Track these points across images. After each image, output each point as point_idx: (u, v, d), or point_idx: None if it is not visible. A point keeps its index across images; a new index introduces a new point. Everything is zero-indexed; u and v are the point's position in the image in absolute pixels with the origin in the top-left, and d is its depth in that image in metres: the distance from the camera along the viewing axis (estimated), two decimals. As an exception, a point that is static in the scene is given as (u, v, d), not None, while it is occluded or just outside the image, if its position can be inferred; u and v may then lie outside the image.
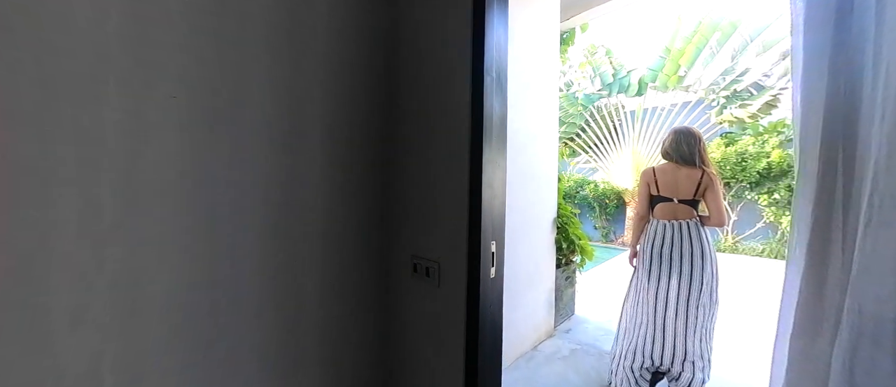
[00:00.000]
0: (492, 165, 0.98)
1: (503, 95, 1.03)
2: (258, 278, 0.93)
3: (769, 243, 6.41)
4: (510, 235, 2.16)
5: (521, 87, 2.21)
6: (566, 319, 2.88)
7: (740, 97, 6.84)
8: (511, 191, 2.22)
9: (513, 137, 2.12)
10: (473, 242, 0.96)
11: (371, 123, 1.17)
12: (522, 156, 2.22)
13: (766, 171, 6.15)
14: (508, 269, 2.14)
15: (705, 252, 1.71)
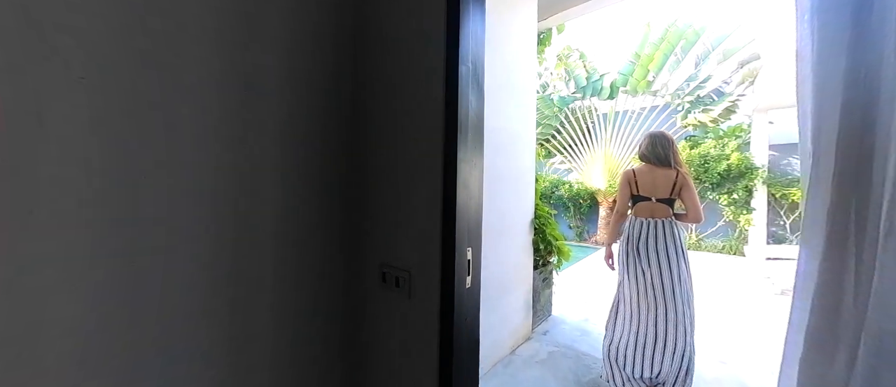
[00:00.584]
0: (468, 164, 0.89)
1: (480, 90, 0.95)
2: (197, 295, 0.79)
3: (728, 241, 6.81)
4: (488, 238, 2.11)
5: (500, 85, 2.16)
6: (543, 320, 2.86)
7: (703, 103, 7.22)
8: (489, 192, 2.17)
9: (491, 137, 2.07)
10: (447, 249, 0.87)
11: (333, 120, 1.05)
12: (500, 156, 2.16)
13: (726, 172, 6.52)
14: (486, 272, 2.08)
15: (679, 249, 1.81)
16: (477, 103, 0.94)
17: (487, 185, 2.09)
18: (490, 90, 2.03)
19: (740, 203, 6.57)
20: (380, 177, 1.05)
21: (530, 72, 2.54)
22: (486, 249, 2.02)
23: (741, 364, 2.24)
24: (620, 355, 1.90)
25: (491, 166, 2.05)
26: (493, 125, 2.04)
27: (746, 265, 5.55)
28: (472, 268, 0.92)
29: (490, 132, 2.02)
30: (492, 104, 2.05)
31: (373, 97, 1.06)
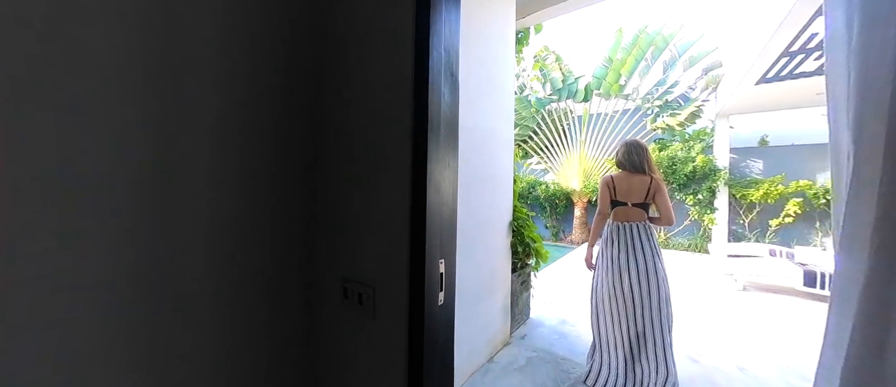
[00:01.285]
0: (440, 165, 0.78)
1: (454, 84, 0.85)
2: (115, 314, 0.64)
3: (693, 239, 7.14)
4: (465, 242, 2.02)
5: (478, 82, 2.07)
6: (522, 323, 2.81)
7: (671, 107, 7.54)
8: (466, 193, 2.08)
9: (467, 135, 1.98)
10: (417, 260, 0.76)
11: (285, 118, 0.91)
12: (478, 155, 2.07)
13: (692, 174, 6.83)
14: (463, 278, 1.99)
15: (654, 250, 1.92)
16: (451, 97, 0.83)
17: (464, 186, 1.99)
18: (467, 87, 1.93)
19: (704, 203, 6.90)
20: (340, 180, 0.92)
21: (508, 70, 2.48)
22: (463, 255, 1.93)
23: (712, 362, 2.28)
24: (612, 353, 1.96)
25: (468, 167, 1.95)
26: (469, 123, 1.95)
27: (711, 262, 5.82)
28: (446, 282, 0.81)
29: (467, 130, 1.92)
30: (468, 102, 1.96)
31: (334, 93, 0.94)
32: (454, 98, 0.85)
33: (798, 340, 2.68)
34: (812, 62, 4.16)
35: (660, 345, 1.81)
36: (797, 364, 2.28)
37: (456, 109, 0.86)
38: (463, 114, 1.86)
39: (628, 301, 1.87)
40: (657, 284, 1.84)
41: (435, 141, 0.76)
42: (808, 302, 3.66)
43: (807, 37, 3.49)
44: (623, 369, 1.89)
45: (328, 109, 0.95)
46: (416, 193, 0.76)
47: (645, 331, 1.84)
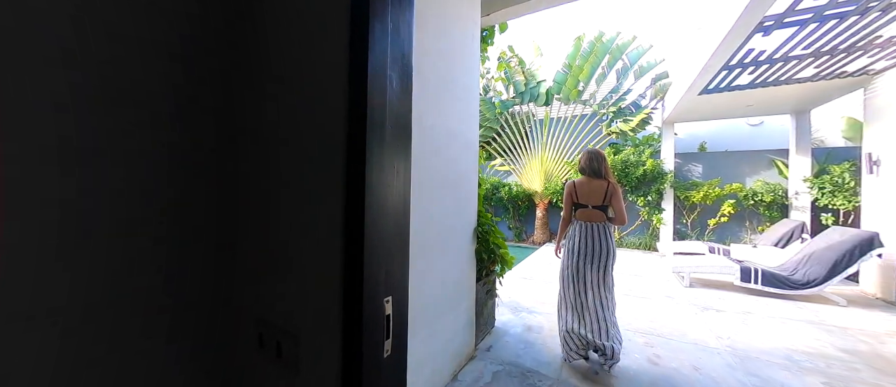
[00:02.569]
0: (385, 172, 0.60)
1: (405, 71, 0.66)
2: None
3: (644, 238, 7.59)
4: (427, 253, 1.83)
5: (439, 80, 1.90)
6: (487, 334, 2.69)
7: (624, 113, 7.96)
8: (427, 200, 1.89)
9: (428, 136, 1.80)
10: (353, 299, 0.56)
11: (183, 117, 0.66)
12: (440, 158, 1.90)
13: (643, 176, 7.25)
14: (425, 293, 1.80)
15: (611, 248, 2.25)
16: (401, 90, 0.64)
17: (425, 193, 1.81)
18: (427, 84, 1.75)
19: (653, 204, 7.36)
20: (257, 194, 0.69)
21: (473, 68, 2.34)
22: (425, 265, 1.75)
23: (670, 364, 2.31)
24: (572, 334, 2.24)
25: (428, 171, 1.77)
26: (429, 122, 1.77)
27: (659, 260, 6.20)
28: (394, 326, 0.62)
29: (428, 130, 1.74)
30: (429, 99, 1.78)
31: (248, 88, 0.71)
32: (405, 90, 0.66)
33: (740, 335, 2.84)
34: (746, 76, 4.54)
35: (608, 320, 2.19)
36: (743, 362, 2.39)
37: (408, 103, 0.67)
38: (422, 112, 1.68)
39: (589, 289, 2.22)
40: (607, 276, 2.23)
41: (378, 141, 0.57)
42: (744, 296, 3.96)
43: (744, 52, 3.78)
44: (584, 342, 2.22)
45: (243, 102, 0.72)
46: (351, 210, 0.56)
47: (598, 312, 2.20)
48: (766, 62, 4.03)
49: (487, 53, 3.47)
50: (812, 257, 4.02)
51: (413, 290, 1.63)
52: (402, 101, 0.65)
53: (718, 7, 3.69)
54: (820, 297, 3.92)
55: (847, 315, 3.40)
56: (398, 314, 0.64)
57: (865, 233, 3.76)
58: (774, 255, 5.03)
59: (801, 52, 3.72)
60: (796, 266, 4.12)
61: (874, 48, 3.57)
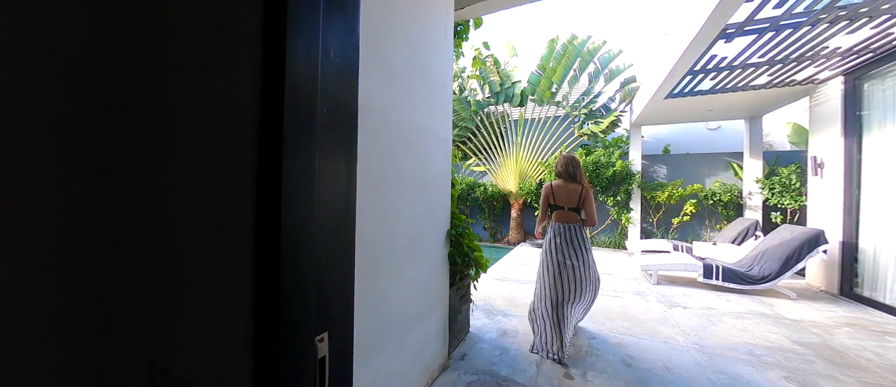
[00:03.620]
0: (319, 171, 0.45)
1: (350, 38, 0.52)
2: None
3: (613, 237, 7.83)
4: (394, 259, 1.67)
5: (410, 72, 1.75)
6: (461, 341, 2.58)
7: (595, 116, 8.17)
8: (396, 201, 1.74)
9: (396, 132, 1.64)
10: (267, 340, 0.42)
11: (46, 102, 0.48)
12: (410, 156, 1.76)
13: (613, 177, 7.47)
14: (393, 304, 1.64)
15: (587, 246, 2.43)
16: (342, 63, 0.50)
17: (393, 193, 1.66)
18: (397, 75, 1.61)
19: (622, 204, 7.61)
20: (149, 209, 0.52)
21: (446, 61, 2.22)
22: (392, 273, 1.60)
23: (643, 365, 2.31)
24: (550, 328, 2.36)
25: (397, 170, 1.63)
26: (398, 117, 1.62)
27: (628, 259, 6.39)
28: (332, 368, 0.48)
29: (394, 126, 1.59)
30: (398, 91, 1.63)
31: (129, 65, 0.53)
32: (349, 68, 0.52)
33: (706, 332, 2.92)
34: (708, 81, 4.75)
35: (582, 313, 2.46)
36: (711, 359, 2.44)
37: (353, 84, 0.53)
38: (390, 105, 1.53)
39: (567, 285, 2.34)
40: (589, 271, 2.38)
41: (304, 131, 0.43)
42: (706, 292, 4.13)
43: (708, 58, 3.93)
44: (551, 334, 2.34)
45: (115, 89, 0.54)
46: (264, 222, 0.41)
47: (573, 306, 2.35)
48: (726, 68, 4.22)
49: (462, 50, 3.37)
50: (766, 254, 4.27)
51: (379, 302, 1.48)
52: (346, 80, 0.51)
53: (685, 14, 3.81)
54: (773, 291, 4.16)
55: (798, 308, 3.62)
56: (338, 353, 0.49)
57: (812, 231, 4.04)
58: (732, 252, 5.31)
59: (758, 59, 3.93)
60: (752, 262, 4.36)
61: (820, 59, 3.83)
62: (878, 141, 3.83)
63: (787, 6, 2.88)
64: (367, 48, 1.39)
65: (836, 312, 3.54)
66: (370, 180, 1.41)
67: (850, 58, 3.81)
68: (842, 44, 3.58)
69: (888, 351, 2.61)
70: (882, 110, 3.80)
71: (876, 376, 2.24)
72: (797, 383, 2.12)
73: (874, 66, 3.80)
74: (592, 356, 2.42)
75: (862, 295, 3.86)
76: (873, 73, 3.87)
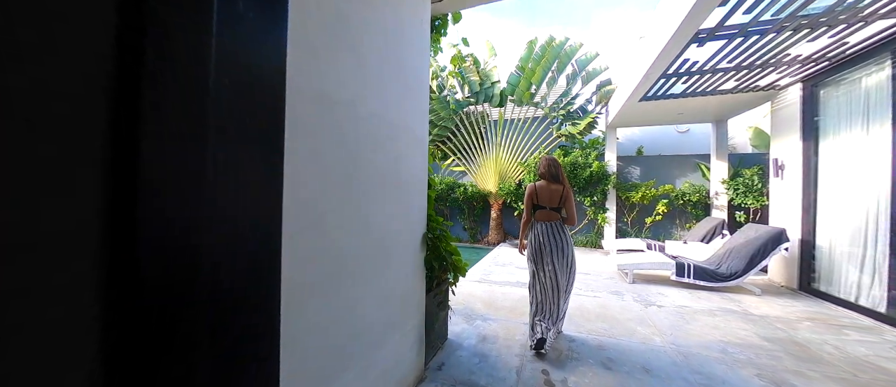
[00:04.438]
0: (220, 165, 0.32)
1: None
2: None
3: (590, 236, 7.98)
4: (363, 267, 1.50)
5: (381, 61, 1.61)
6: (438, 349, 2.46)
7: (572, 117, 8.30)
8: (366, 203, 1.59)
9: (366, 127, 1.48)
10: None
11: None
12: (383, 154, 1.62)
13: (590, 178, 7.60)
14: (361, 315, 1.47)
15: (569, 243, 2.54)
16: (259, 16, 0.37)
17: (362, 194, 1.51)
18: (365, 63, 1.46)
19: (598, 204, 7.76)
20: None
21: (422, 54, 2.09)
22: (362, 286, 1.45)
23: (622, 368, 2.28)
24: (538, 321, 2.50)
25: (367, 169, 1.48)
26: (367, 111, 1.48)
27: (605, 258, 6.51)
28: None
29: (363, 120, 1.45)
30: (368, 83, 1.49)
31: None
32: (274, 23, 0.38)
33: (681, 331, 2.96)
34: (680, 85, 4.89)
35: (561, 308, 2.53)
36: (687, 359, 2.45)
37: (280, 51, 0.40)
38: (357, 96, 1.39)
39: (553, 280, 2.47)
40: (570, 267, 2.51)
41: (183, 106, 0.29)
42: (679, 290, 4.24)
43: (680, 62, 4.03)
44: (544, 329, 2.46)
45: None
46: (120, 238, 0.27)
47: (559, 298, 2.50)
48: (697, 72, 4.35)
49: (440, 45, 3.25)
50: (733, 252, 4.44)
51: (346, 315, 1.34)
52: (265, 43, 0.37)
53: (660, 19, 3.88)
54: (740, 287, 4.32)
55: (763, 304, 3.77)
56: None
57: (775, 229, 4.23)
58: (702, 250, 5.51)
59: (726, 64, 4.07)
60: (721, 260, 4.52)
61: (782, 65, 4.02)
62: (833, 144, 4.06)
63: (755, 12, 2.97)
64: (332, 31, 1.24)
65: (797, 306, 3.71)
66: (335, 181, 1.26)
67: (808, 65, 4.01)
68: (802, 51, 3.77)
69: (846, 344, 2.74)
70: (836, 116, 4.04)
71: (838, 369, 2.32)
72: (769, 380, 2.16)
73: (830, 73, 4.02)
74: (573, 360, 2.37)
75: (819, 290, 4.09)
76: (829, 81, 4.11)
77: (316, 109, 1.14)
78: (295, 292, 1.05)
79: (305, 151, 1.07)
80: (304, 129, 1.08)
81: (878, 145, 3.44)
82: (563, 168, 2.68)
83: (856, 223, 3.67)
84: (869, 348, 2.67)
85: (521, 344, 2.62)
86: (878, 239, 3.42)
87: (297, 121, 1.05)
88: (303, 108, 1.07)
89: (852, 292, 3.66)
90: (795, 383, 2.13)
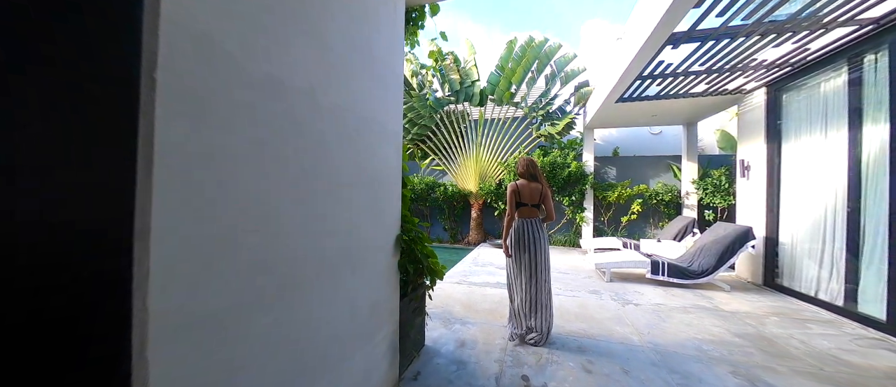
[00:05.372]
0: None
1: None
2: None
3: (568, 236, 8.08)
4: (326, 275, 1.33)
5: (348, 48, 1.47)
6: (414, 358, 2.33)
7: (552, 118, 8.38)
8: (330, 204, 1.44)
9: (331, 118, 1.31)
10: None
11: None
12: (349, 149, 1.47)
13: (568, 178, 7.69)
14: (324, 329, 1.27)
15: (545, 238, 2.68)
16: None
17: (324, 194, 1.36)
18: (329, 49, 1.32)
19: (577, 204, 7.87)
20: None
21: (395, 42, 1.96)
22: (324, 295, 1.30)
23: (602, 371, 2.24)
24: (520, 312, 2.64)
25: (328, 165, 1.34)
26: (332, 102, 1.33)
27: (583, 257, 6.58)
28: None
29: (326, 111, 1.30)
30: (332, 71, 1.34)
31: None
32: None
33: (657, 330, 2.98)
34: (655, 87, 5.00)
35: (547, 298, 2.63)
36: (665, 358, 2.45)
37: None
38: (318, 84, 1.24)
39: (531, 273, 2.60)
40: (545, 262, 2.63)
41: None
42: (654, 287, 4.31)
43: (656, 64, 4.10)
44: (525, 318, 2.62)
45: None
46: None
47: (538, 290, 2.60)
48: (671, 75, 4.44)
49: (418, 38, 3.12)
50: (704, 250, 4.57)
51: (302, 330, 1.18)
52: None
53: (637, 21, 3.92)
54: (711, 284, 4.46)
55: (732, 300, 3.89)
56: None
57: (742, 227, 4.39)
58: (674, 248, 5.67)
59: (698, 67, 4.18)
60: (693, 258, 4.65)
61: (749, 70, 4.17)
62: (794, 146, 4.26)
63: (727, 15, 3.03)
64: (288, 9, 1.09)
65: (763, 301, 3.85)
66: (288, 177, 1.11)
67: (772, 70, 4.19)
68: (767, 56, 3.92)
69: (810, 338, 2.84)
70: (797, 119, 4.23)
71: (806, 364, 2.39)
72: (743, 377, 2.18)
73: (792, 79, 4.22)
74: (553, 364, 2.31)
75: (782, 285, 4.27)
76: (790, 86, 4.31)
77: (263, 95, 0.99)
78: (233, 310, 0.89)
79: (245, 143, 0.91)
80: (246, 116, 0.93)
81: (836, 147, 3.62)
82: (539, 168, 2.84)
83: (815, 221, 3.86)
84: (831, 342, 2.77)
85: (501, 348, 2.54)
86: (835, 235, 3.60)
87: (236, 106, 0.89)
88: (244, 92, 0.92)
89: (812, 287, 3.84)
90: (767, 379, 2.16)
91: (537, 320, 2.58)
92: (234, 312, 0.90)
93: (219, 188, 0.84)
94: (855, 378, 2.20)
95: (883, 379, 2.19)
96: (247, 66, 0.93)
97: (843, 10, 2.93)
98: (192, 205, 0.76)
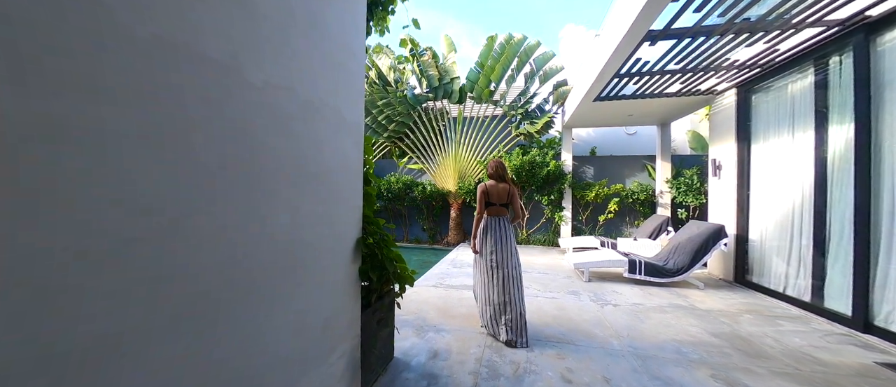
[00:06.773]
0: None
1: None
2: None
3: (547, 235, 8.06)
4: (263, 289, 1.07)
5: (287, 17, 1.24)
6: (380, 374, 2.11)
7: (531, 116, 8.34)
8: (261, 203, 1.16)
9: (260, 99, 0.99)
10: None
11: None
12: (291, 138, 1.24)
13: (547, 177, 7.66)
14: (262, 352, 1.03)
15: (512, 235, 2.77)
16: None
17: (252, 191, 1.05)
18: (255, 12, 1.09)
19: (555, 203, 7.86)
20: None
21: (354, 19, 1.73)
22: (260, 313, 1.06)
23: (582, 379, 2.11)
24: (488, 307, 2.69)
25: (261, 156, 1.10)
26: (263, 79, 1.10)
27: (561, 257, 6.55)
28: None
29: (256, 89, 1.07)
30: (262, 42, 1.11)
31: None
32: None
33: (636, 332, 2.90)
34: (631, 86, 5.00)
35: (518, 294, 2.65)
36: (645, 363, 2.36)
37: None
38: (245, 54, 1.01)
39: (498, 270, 2.66)
40: (513, 258, 2.70)
41: None
42: (631, 286, 4.29)
43: (633, 61, 4.07)
44: (494, 312, 2.67)
45: None
46: None
47: (509, 287, 2.64)
48: (647, 73, 4.44)
49: (388, 25, 2.90)
50: (679, 248, 4.61)
51: (221, 362, 0.95)
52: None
53: (615, 17, 3.87)
54: (686, 282, 4.49)
55: (707, 297, 3.91)
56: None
57: (715, 226, 4.44)
58: (650, 246, 5.72)
59: (674, 66, 4.18)
60: (668, 256, 4.67)
61: (722, 70, 4.22)
62: (763, 146, 4.35)
63: (704, 11, 3.00)
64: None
65: (736, 299, 3.89)
66: (202, 170, 0.88)
67: (743, 71, 4.26)
68: (739, 57, 3.97)
69: (783, 335, 2.85)
70: (765, 120, 4.33)
71: (782, 363, 2.36)
72: (723, 381, 2.11)
73: (761, 80, 4.30)
74: (531, 375, 2.16)
75: (752, 281, 4.36)
76: (759, 87, 4.40)
77: (163, 64, 0.76)
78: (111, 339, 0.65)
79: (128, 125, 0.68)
80: (133, 89, 0.69)
81: (802, 146, 3.71)
82: (507, 168, 3.03)
83: (783, 219, 3.94)
84: (802, 338, 2.79)
85: (476, 358, 2.36)
86: (802, 233, 3.68)
87: (121, 73, 0.66)
88: (132, 58, 0.68)
89: (781, 283, 3.92)
90: (747, 382, 2.10)
91: (511, 314, 2.59)
92: (114, 341, 0.67)
93: (80, 178, 0.60)
94: (830, 377, 2.18)
95: (855, 377, 2.18)
96: (123, 20, 0.69)
97: (811, 11, 2.97)
98: (25, 202, 0.53)
